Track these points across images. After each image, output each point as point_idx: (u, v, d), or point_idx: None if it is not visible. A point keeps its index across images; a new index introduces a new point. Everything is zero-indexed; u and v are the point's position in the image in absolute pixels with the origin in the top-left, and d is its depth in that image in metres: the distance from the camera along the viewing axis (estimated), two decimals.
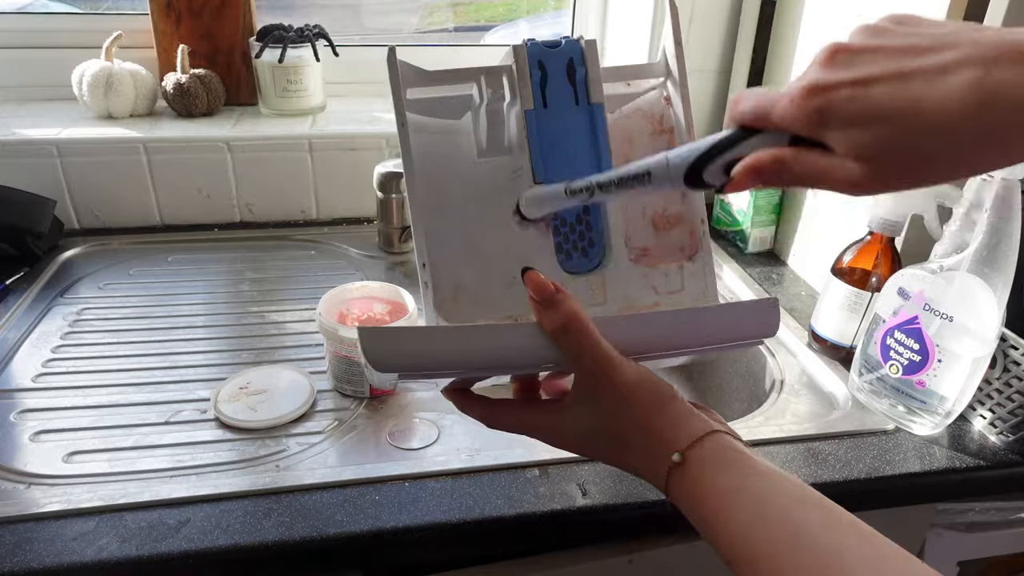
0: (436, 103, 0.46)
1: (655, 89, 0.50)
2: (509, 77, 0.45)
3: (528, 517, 0.54)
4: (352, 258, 0.95)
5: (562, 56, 0.45)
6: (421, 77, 0.46)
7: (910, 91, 0.29)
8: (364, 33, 1.28)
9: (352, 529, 0.52)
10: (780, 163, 0.33)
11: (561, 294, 0.40)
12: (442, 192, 0.46)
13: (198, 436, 0.62)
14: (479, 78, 0.46)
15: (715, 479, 0.38)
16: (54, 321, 0.77)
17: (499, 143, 0.47)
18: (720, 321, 0.44)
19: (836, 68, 0.32)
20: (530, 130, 0.45)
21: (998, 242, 0.57)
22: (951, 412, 0.63)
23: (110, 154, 0.93)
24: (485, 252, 0.47)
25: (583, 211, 0.47)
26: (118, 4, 1.11)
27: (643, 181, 0.39)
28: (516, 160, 0.46)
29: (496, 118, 0.47)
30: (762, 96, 0.34)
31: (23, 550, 0.48)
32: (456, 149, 0.47)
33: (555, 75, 0.45)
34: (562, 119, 0.46)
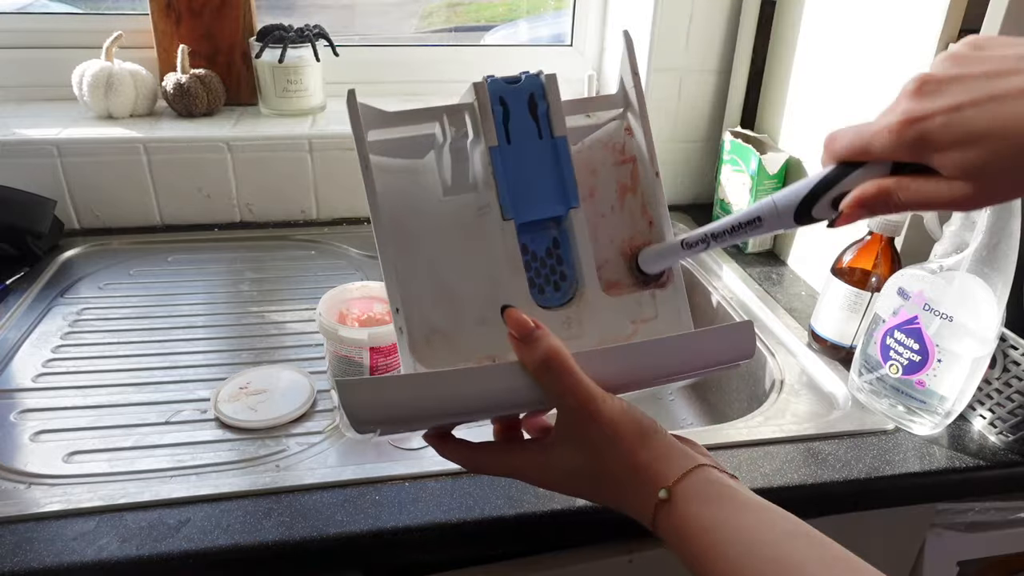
0: (399, 143, 0.46)
1: (615, 120, 0.51)
2: (471, 115, 0.45)
3: (528, 517, 0.54)
4: (352, 258, 0.95)
5: (523, 92, 0.45)
6: (382, 118, 0.45)
7: (1003, 111, 0.31)
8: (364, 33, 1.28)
9: (352, 529, 0.52)
10: (886, 193, 0.35)
11: (541, 330, 0.40)
12: (409, 232, 0.46)
13: (198, 436, 0.62)
14: (441, 117, 0.46)
15: (702, 515, 0.38)
16: (54, 321, 0.78)
17: (464, 180, 0.47)
18: (697, 347, 0.44)
19: (927, 98, 0.33)
20: (495, 166, 0.45)
21: (998, 242, 0.57)
22: (951, 412, 0.63)
23: (110, 154, 0.93)
24: (456, 292, 0.46)
25: (552, 244, 0.47)
26: (118, 4, 1.11)
27: (755, 226, 0.41)
28: (482, 197, 0.46)
29: (460, 156, 0.47)
30: (857, 131, 0.36)
31: (23, 550, 0.48)
32: (421, 188, 0.47)
33: (517, 110, 0.45)
34: (526, 154, 0.45)
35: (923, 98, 0.33)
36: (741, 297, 0.88)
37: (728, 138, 0.98)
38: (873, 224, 0.69)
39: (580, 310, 0.47)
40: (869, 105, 0.77)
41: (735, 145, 0.97)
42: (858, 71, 0.80)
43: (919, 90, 0.34)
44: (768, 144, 0.97)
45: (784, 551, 0.36)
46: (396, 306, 0.44)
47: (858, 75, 0.80)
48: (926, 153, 0.33)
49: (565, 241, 0.47)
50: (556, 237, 0.47)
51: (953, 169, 0.33)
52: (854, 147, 0.36)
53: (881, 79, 0.76)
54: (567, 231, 0.47)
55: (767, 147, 0.96)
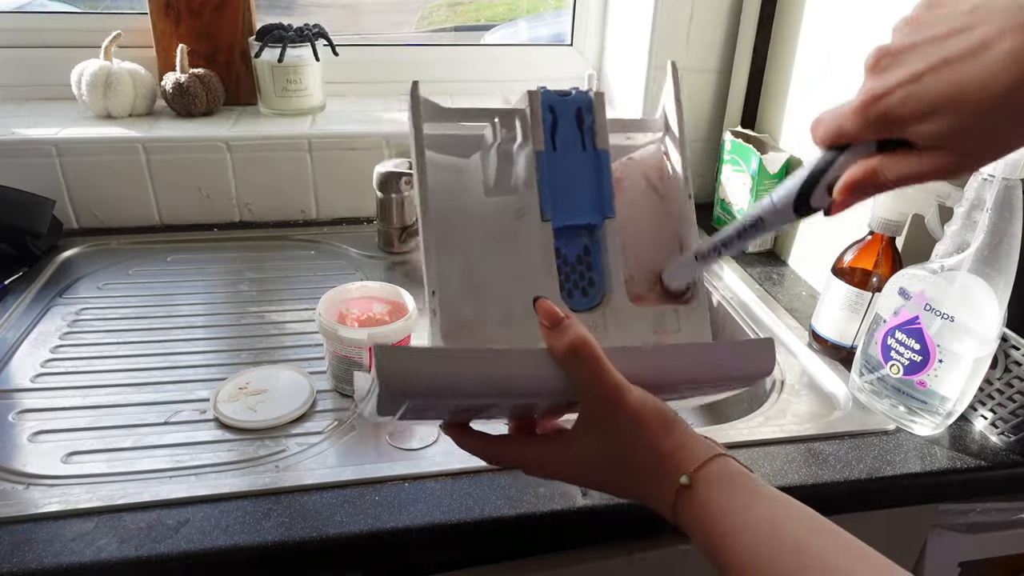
0: (448, 140, 0.48)
1: (654, 143, 0.53)
2: (522, 120, 0.47)
3: (528, 517, 0.54)
4: (352, 258, 0.95)
5: (572, 104, 0.48)
6: (438, 113, 0.47)
7: (959, 75, 0.30)
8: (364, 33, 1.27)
9: (352, 529, 0.51)
10: (873, 173, 0.35)
11: (570, 319, 0.41)
12: (450, 226, 0.47)
13: (197, 436, 0.62)
14: (493, 118, 0.48)
15: (723, 501, 0.38)
16: (53, 321, 0.77)
17: (507, 182, 0.48)
18: (716, 357, 0.46)
19: (884, 72, 0.33)
20: (540, 170, 0.46)
21: (999, 242, 0.57)
22: (952, 412, 0.62)
23: (109, 154, 0.93)
24: (487, 289, 0.47)
25: (584, 252, 0.49)
26: (117, 3, 1.10)
27: (759, 226, 0.42)
28: (522, 199, 0.48)
29: (506, 158, 0.48)
30: (833, 115, 0.36)
31: (22, 551, 0.48)
32: (465, 186, 0.49)
33: (565, 121, 0.47)
34: (569, 162, 0.47)
35: (881, 73, 0.33)
36: (742, 297, 0.88)
37: (728, 138, 0.98)
38: (874, 224, 0.69)
39: (605, 316, 0.48)
40: None
41: (735, 145, 0.97)
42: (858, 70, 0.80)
43: (876, 64, 0.34)
44: (769, 144, 0.97)
45: (804, 539, 0.36)
46: (433, 288, 0.46)
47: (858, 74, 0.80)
48: (895, 129, 0.33)
49: (596, 249, 0.49)
50: (588, 245, 0.49)
51: (925, 140, 0.32)
52: (832, 131, 0.36)
53: None
54: (599, 240, 0.48)
55: (768, 147, 0.96)
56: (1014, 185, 0.56)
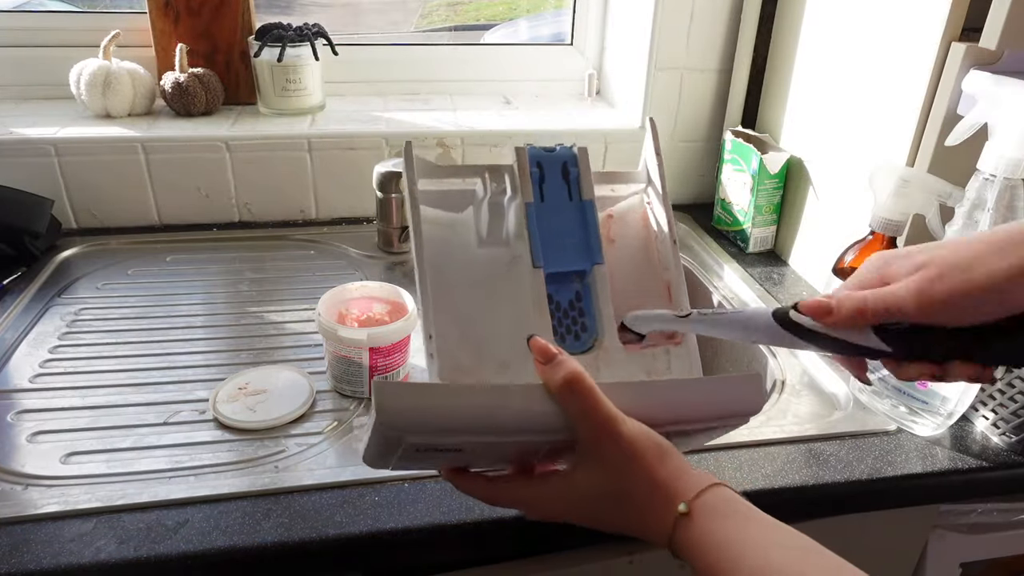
0: (441, 196, 0.51)
1: (636, 195, 0.56)
2: (510, 174, 0.51)
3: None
4: (351, 258, 0.95)
5: (557, 159, 0.51)
6: (431, 170, 0.50)
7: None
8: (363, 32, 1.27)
9: (352, 530, 0.51)
10: None
11: (563, 355, 0.42)
12: (444, 277, 0.49)
13: (197, 437, 0.61)
14: (484, 174, 0.51)
15: (720, 529, 0.39)
16: (52, 321, 0.77)
17: (499, 234, 0.51)
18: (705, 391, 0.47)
19: None
20: (530, 220, 0.49)
21: None
22: (953, 413, 0.62)
23: (108, 153, 0.93)
24: (482, 335, 0.49)
25: (575, 297, 0.51)
26: (116, 3, 1.10)
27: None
28: (513, 250, 0.50)
29: (497, 211, 0.51)
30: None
31: (20, 552, 0.48)
32: (458, 238, 0.51)
33: (551, 174, 0.51)
34: (557, 212, 0.51)
35: None
36: (742, 297, 0.88)
37: (729, 137, 0.98)
38: (875, 224, 0.69)
39: (598, 359, 0.50)
40: (870, 104, 0.77)
41: (736, 144, 0.96)
42: (859, 70, 0.80)
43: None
44: (769, 143, 0.97)
45: (798, 566, 0.36)
46: (430, 332, 0.47)
47: (859, 74, 0.80)
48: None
49: (587, 294, 0.51)
50: (579, 290, 0.51)
51: None
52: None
53: (882, 78, 0.75)
54: (589, 285, 0.51)
55: (768, 146, 0.96)
56: (1015, 185, 0.56)
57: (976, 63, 0.65)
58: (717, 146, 1.06)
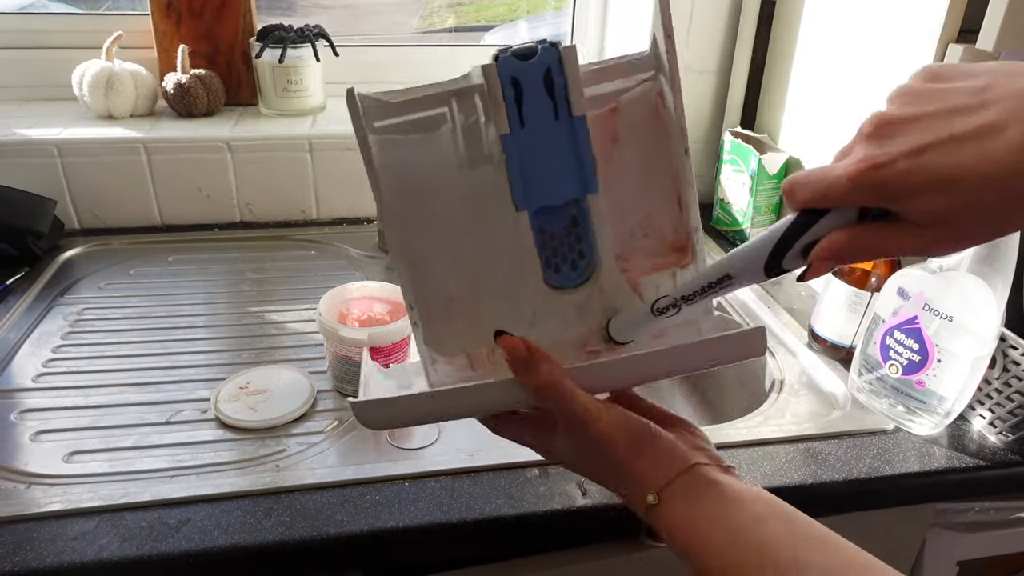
0: (409, 124, 0.44)
1: (645, 83, 0.46)
2: (482, 96, 0.43)
3: (528, 517, 0.54)
4: (352, 258, 0.96)
5: (538, 67, 0.42)
6: (386, 109, 0.43)
7: (965, 155, 0.29)
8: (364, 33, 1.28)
9: (352, 529, 0.52)
10: (855, 241, 0.34)
11: (535, 355, 0.42)
12: (425, 206, 0.45)
13: (198, 436, 0.62)
14: (450, 101, 0.43)
15: (687, 513, 0.40)
16: (54, 321, 0.78)
17: (480, 154, 0.44)
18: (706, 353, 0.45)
19: (884, 141, 0.32)
20: (508, 156, 0.42)
21: (998, 242, 0.57)
22: (950, 412, 0.63)
23: (110, 154, 0.93)
24: (474, 264, 0.46)
25: (571, 223, 0.45)
26: (118, 4, 1.11)
27: (726, 284, 0.40)
28: (499, 172, 0.44)
29: (474, 133, 0.44)
30: (817, 179, 0.34)
31: (24, 550, 0.48)
32: (436, 162, 0.45)
33: (531, 89, 0.42)
34: (541, 136, 0.43)
35: (881, 142, 0.32)
36: (741, 297, 0.88)
37: (728, 138, 0.98)
38: None
39: (594, 291, 0.46)
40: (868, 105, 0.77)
41: (735, 145, 0.97)
42: (858, 70, 0.80)
43: (876, 133, 0.32)
44: (768, 144, 0.97)
45: (758, 535, 0.37)
46: (410, 302, 0.45)
47: (858, 74, 0.80)
48: (890, 200, 0.32)
49: (584, 220, 0.45)
50: (575, 215, 0.45)
51: (919, 216, 0.32)
52: (815, 196, 0.34)
53: (881, 78, 0.76)
54: (586, 211, 0.45)
55: (767, 147, 0.96)
56: None
57: None
58: (716, 147, 1.06)
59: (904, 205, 0.32)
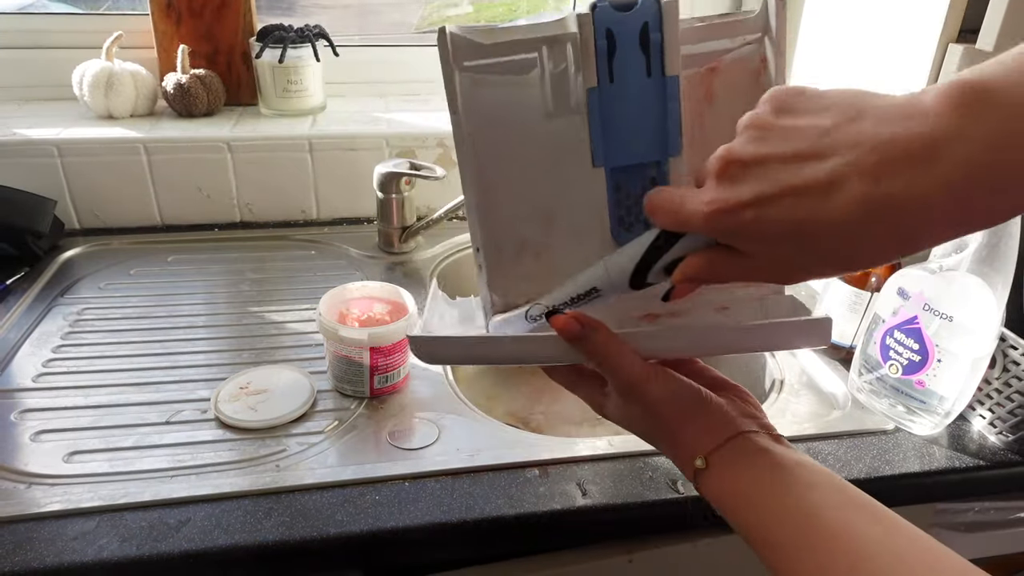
0: (498, 66, 0.43)
1: (749, 45, 0.44)
2: (574, 45, 0.42)
3: (528, 517, 0.54)
4: (352, 258, 0.96)
5: (635, 20, 0.40)
6: (477, 49, 0.43)
7: (807, 208, 0.30)
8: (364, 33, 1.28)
9: (352, 529, 0.52)
10: (710, 267, 0.35)
11: (587, 328, 0.42)
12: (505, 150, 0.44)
13: (198, 436, 0.62)
14: (540, 48, 0.43)
15: (736, 479, 0.40)
16: (54, 321, 0.78)
17: (566, 104, 0.44)
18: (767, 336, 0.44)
19: (733, 184, 0.33)
20: (591, 111, 0.42)
21: (998, 242, 0.57)
22: (950, 412, 0.63)
23: (110, 154, 0.93)
24: (547, 211, 0.46)
25: (650, 183, 0.44)
26: (118, 4, 1.11)
27: (592, 295, 0.41)
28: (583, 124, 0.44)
29: (562, 82, 0.43)
30: (675, 208, 0.35)
31: (24, 550, 0.48)
32: (521, 107, 0.44)
33: (625, 44, 0.41)
34: (630, 94, 0.42)
35: (729, 184, 0.33)
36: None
37: None
38: None
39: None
40: None
41: None
42: (857, 71, 0.80)
43: (725, 172, 0.33)
44: None
45: (806, 502, 0.37)
46: (478, 244, 0.45)
47: (857, 75, 0.80)
48: (739, 243, 0.33)
49: (664, 182, 0.44)
50: (655, 177, 0.44)
51: (763, 260, 0.33)
52: (673, 224, 0.36)
53: (881, 79, 0.76)
54: (665, 174, 0.44)
55: None
56: None
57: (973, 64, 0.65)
58: None
59: (753, 248, 0.33)
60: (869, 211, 0.29)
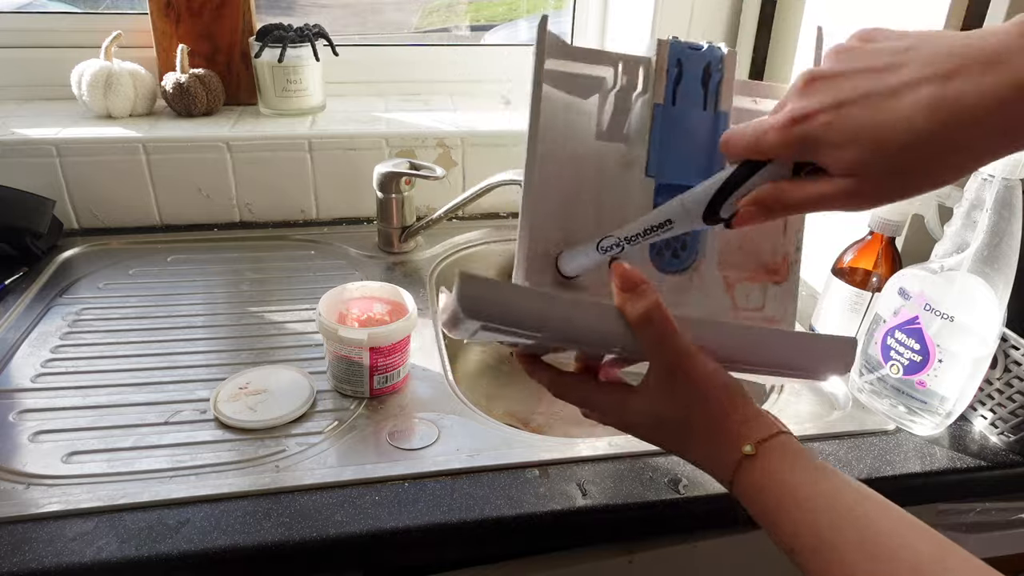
0: (569, 78, 0.47)
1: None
2: (646, 68, 0.46)
3: (528, 517, 0.54)
4: (352, 258, 0.95)
5: (701, 59, 0.46)
6: (563, 50, 0.46)
7: (878, 111, 0.31)
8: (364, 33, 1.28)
9: (352, 529, 0.52)
10: (779, 192, 0.36)
11: (647, 284, 0.41)
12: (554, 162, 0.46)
13: (197, 436, 0.62)
14: (618, 63, 0.47)
15: (785, 473, 0.39)
16: (53, 321, 0.77)
17: (619, 130, 0.47)
18: (797, 347, 0.45)
19: (812, 95, 0.34)
20: (655, 123, 0.46)
21: (999, 242, 0.57)
22: (952, 412, 0.62)
23: (109, 154, 0.93)
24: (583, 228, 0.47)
25: None
26: (117, 4, 1.11)
27: (666, 227, 0.41)
28: (632, 150, 0.47)
29: (623, 105, 0.47)
30: (753, 129, 0.36)
31: (22, 551, 0.48)
32: (576, 125, 0.47)
33: (690, 75, 0.46)
34: (686, 119, 0.46)
35: (809, 96, 0.34)
36: None
37: None
38: (874, 224, 0.69)
39: (691, 281, 0.48)
40: None
41: None
42: None
43: (806, 87, 0.34)
44: None
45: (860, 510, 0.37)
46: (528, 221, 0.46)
47: None
48: (811, 152, 0.34)
49: None
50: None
51: (837, 167, 0.33)
52: (749, 146, 0.36)
53: None
54: None
55: None
56: (1014, 185, 0.56)
57: None
58: None
59: (824, 156, 0.33)
60: (937, 111, 0.30)
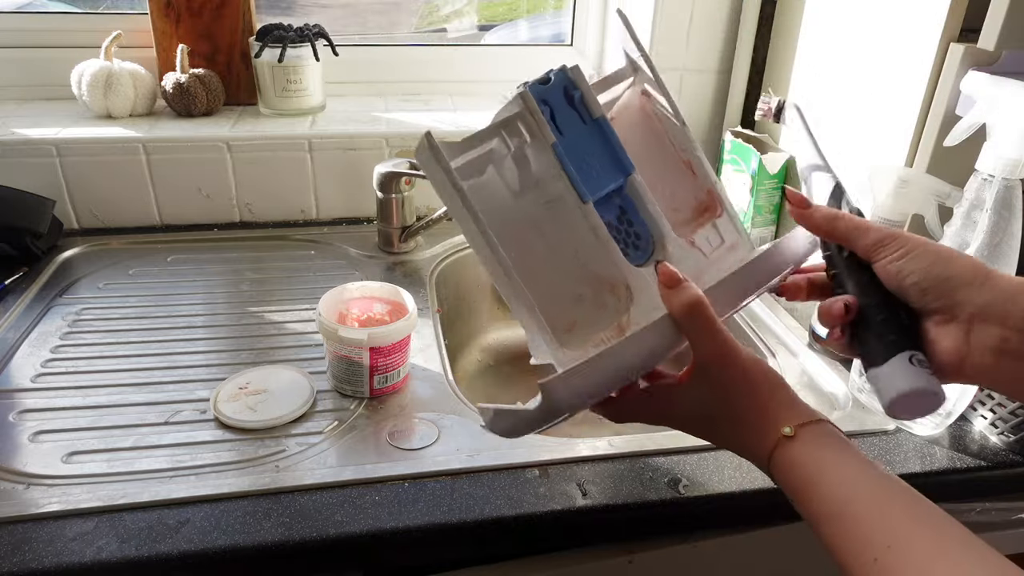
0: (469, 166, 0.50)
1: (629, 88, 0.55)
2: (524, 122, 0.49)
3: (528, 517, 0.54)
4: (352, 258, 0.95)
5: (558, 88, 0.50)
6: (451, 150, 0.48)
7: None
8: (364, 33, 1.28)
9: (352, 529, 0.52)
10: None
11: (687, 281, 0.43)
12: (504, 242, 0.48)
13: (197, 436, 0.62)
14: (500, 132, 0.50)
15: (822, 452, 0.41)
16: (53, 321, 0.77)
17: (529, 180, 0.50)
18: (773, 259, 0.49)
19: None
20: (562, 160, 0.48)
21: (999, 242, 0.57)
22: (952, 412, 0.62)
23: (109, 154, 0.93)
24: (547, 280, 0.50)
25: (620, 212, 0.51)
26: (117, 4, 1.11)
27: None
28: (547, 191, 0.50)
29: (521, 161, 0.50)
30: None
31: (22, 551, 0.48)
32: (491, 200, 0.50)
33: (558, 106, 0.49)
34: (580, 140, 0.49)
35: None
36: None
37: (729, 138, 0.98)
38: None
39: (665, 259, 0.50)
40: (869, 105, 0.77)
41: (736, 145, 0.97)
42: (858, 71, 0.80)
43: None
44: (768, 144, 0.97)
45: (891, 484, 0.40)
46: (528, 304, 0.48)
47: (858, 75, 0.80)
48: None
49: (630, 205, 0.51)
50: (621, 205, 0.51)
51: None
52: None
53: (881, 79, 0.75)
54: (629, 196, 0.51)
55: (767, 147, 0.96)
56: (1013, 185, 0.56)
57: (974, 64, 0.65)
58: (717, 146, 1.06)
59: None
60: None
